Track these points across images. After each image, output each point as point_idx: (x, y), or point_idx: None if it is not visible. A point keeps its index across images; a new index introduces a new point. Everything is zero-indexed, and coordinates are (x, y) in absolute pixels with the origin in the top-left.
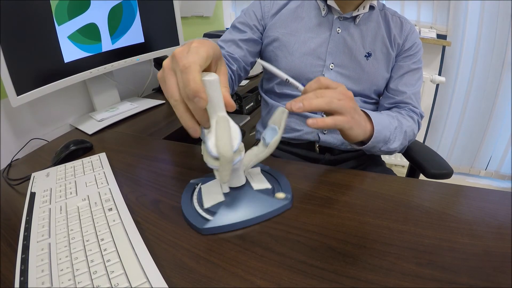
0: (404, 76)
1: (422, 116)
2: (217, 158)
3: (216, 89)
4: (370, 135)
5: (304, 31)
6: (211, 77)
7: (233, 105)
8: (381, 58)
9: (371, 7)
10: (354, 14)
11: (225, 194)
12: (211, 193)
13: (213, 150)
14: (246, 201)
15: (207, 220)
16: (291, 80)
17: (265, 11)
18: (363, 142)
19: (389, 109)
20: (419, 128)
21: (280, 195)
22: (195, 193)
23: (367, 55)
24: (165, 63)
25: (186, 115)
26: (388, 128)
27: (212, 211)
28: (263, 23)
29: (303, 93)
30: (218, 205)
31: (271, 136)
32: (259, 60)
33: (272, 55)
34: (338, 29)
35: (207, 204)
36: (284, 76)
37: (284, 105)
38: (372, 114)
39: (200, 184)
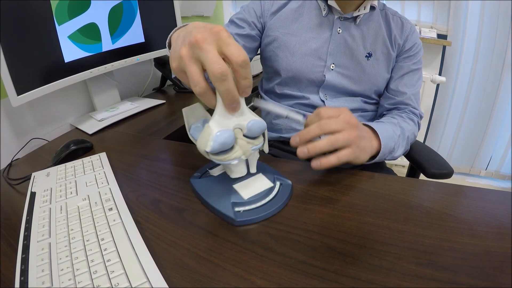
0: (404, 77)
1: (421, 117)
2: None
3: None
4: (377, 150)
5: (305, 31)
6: None
7: None
8: (381, 58)
9: (372, 8)
10: (355, 14)
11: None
12: (253, 184)
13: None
14: (264, 168)
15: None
16: (291, 115)
17: (265, 9)
18: (371, 157)
19: (389, 109)
20: (418, 129)
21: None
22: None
23: (368, 55)
24: (184, 52)
25: (234, 89)
26: (393, 138)
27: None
28: (262, 21)
29: (305, 127)
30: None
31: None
32: (255, 102)
33: (272, 55)
34: (338, 29)
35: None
36: (284, 112)
37: (285, 105)
38: (377, 128)
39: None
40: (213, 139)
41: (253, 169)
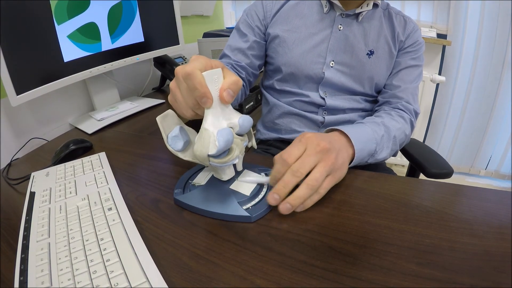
0: (400, 72)
1: (417, 113)
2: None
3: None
4: (353, 156)
5: (305, 28)
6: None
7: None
8: (383, 56)
9: (375, 5)
10: (357, 11)
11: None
12: (247, 180)
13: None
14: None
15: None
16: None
17: (267, 10)
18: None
19: (381, 103)
20: (412, 128)
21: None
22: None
23: (369, 53)
24: (171, 84)
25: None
26: (373, 140)
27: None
28: (265, 23)
29: (272, 178)
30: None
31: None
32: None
33: (273, 52)
34: (339, 26)
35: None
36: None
37: (284, 102)
38: (351, 132)
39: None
40: (218, 139)
41: (240, 167)
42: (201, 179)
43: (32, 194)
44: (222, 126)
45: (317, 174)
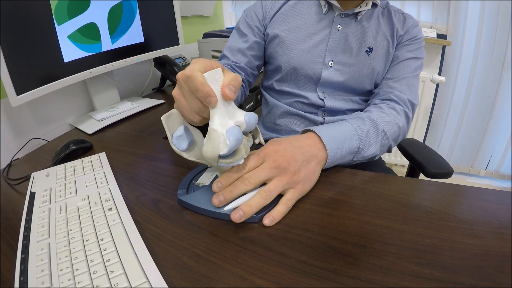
0: (397, 65)
1: (413, 104)
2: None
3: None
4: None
5: (304, 28)
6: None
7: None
8: (382, 52)
9: (374, 5)
10: (356, 10)
11: None
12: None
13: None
14: None
15: None
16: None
17: (266, 10)
18: None
19: (374, 95)
20: (408, 119)
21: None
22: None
23: (369, 50)
24: (174, 91)
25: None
26: (354, 136)
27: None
28: (264, 23)
29: (217, 186)
30: None
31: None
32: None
33: (273, 52)
34: (338, 26)
35: None
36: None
37: (284, 103)
38: (325, 132)
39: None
40: (228, 138)
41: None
42: (205, 179)
43: (32, 194)
44: (229, 125)
45: (271, 186)
